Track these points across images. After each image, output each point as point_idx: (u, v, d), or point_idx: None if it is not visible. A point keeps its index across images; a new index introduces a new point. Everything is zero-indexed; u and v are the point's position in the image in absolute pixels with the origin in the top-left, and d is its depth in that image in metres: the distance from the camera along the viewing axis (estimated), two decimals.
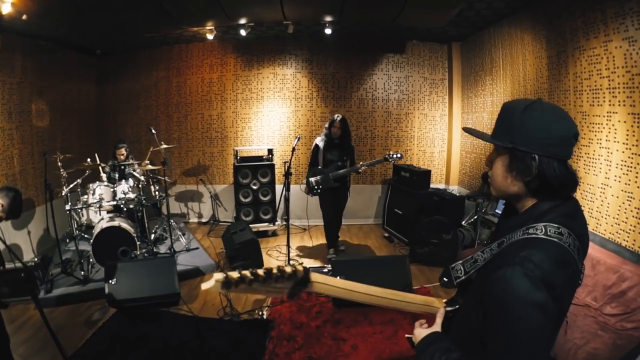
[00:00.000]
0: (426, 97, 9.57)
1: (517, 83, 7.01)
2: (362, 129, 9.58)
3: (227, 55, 9.60)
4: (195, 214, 10.31)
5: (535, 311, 1.34)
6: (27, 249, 7.46)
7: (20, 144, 7.71)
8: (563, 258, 1.42)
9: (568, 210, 1.54)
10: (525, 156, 1.51)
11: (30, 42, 7.81)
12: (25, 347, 4.88)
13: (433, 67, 9.50)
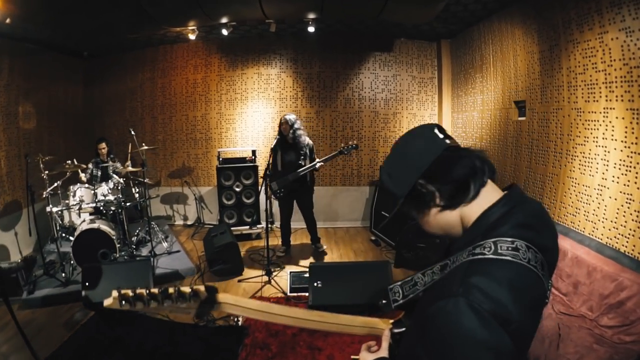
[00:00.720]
0: (415, 96, 9.54)
1: (508, 80, 6.89)
2: (349, 129, 9.63)
3: (212, 56, 9.74)
4: (181, 216, 10.45)
5: (485, 355, 1.09)
6: (14, 251, 7.74)
7: (7, 145, 7.92)
8: (521, 281, 1.18)
9: (524, 217, 1.32)
10: (413, 194, 1.43)
11: (17, 45, 8.02)
12: (7, 345, 5.11)
13: (422, 66, 9.47)
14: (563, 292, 4.55)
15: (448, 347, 1.14)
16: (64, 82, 9.82)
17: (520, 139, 6.58)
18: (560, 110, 5.49)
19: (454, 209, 1.39)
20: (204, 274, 7.09)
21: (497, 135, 7.26)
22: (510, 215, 1.31)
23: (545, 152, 5.90)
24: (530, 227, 1.29)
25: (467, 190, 1.36)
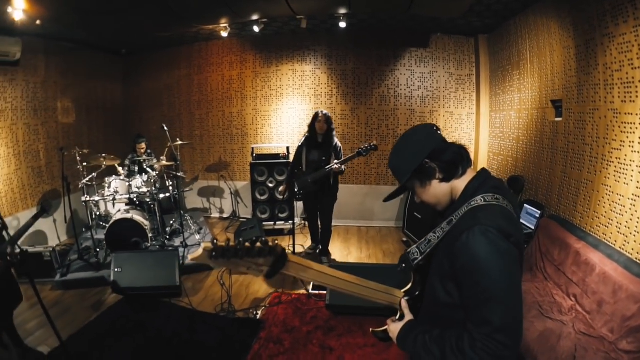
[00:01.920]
0: (452, 94, 9.37)
1: (545, 77, 6.56)
2: (384, 127, 9.71)
3: (246, 53, 10.10)
4: (217, 209, 11.00)
5: (504, 258, 1.66)
6: (53, 236, 8.65)
7: (46, 139, 8.71)
8: (507, 214, 1.78)
9: (494, 183, 1.95)
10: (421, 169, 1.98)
11: (53, 44, 8.68)
12: (35, 322, 5.61)
13: (459, 62, 9.27)
14: (587, 310, 4.44)
15: (477, 262, 1.67)
16: (102, 78, 10.53)
17: (556, 142, 6.26)
18: (597, 111, 5.17)
19: (447, 182, 2.00)
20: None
21: (534, 136, 6.96)
22: (485, 183, 1.93)
23: (580, 156, 5.57)
24: (499, 190, 1.90)
25: (457, 169, 1.98)
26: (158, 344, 5.17)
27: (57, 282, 6.69)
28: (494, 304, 1.64)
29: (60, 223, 8.81)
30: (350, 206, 8.36)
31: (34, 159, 8.38)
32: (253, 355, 4.85)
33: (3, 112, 7.75)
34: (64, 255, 7.50)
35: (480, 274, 1.66)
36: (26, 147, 8.21)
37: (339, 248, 8.44)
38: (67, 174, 7.20)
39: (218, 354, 4.95)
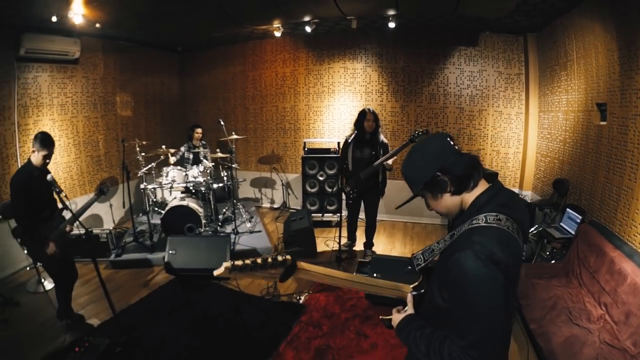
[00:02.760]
0: (501, 93, 8.92)
1: (591, 79, 6.21)
2: (433, 126, 9.38)
3: (299, 50, 10.12)
4: (268, 199, 11.15)
5: (488, 283, 1.66)
6: (108, 219, 9.22)
7: (106, 130, 9.16)
8: (503, 239, 1.75)
9: (504, 200, 1.90)
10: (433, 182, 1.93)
11: (111, 43, 9.06)
12: (87, 297, 6.11)
13: (508, 61, 8.80)
14: (615, 320, 4.25)
15: (464, 282, 1.69)
16: (159, 74, 10.89)
17: (600, 146, 5.89)
18: (639, 116, 4.87)
19: (459, 195, 1.95)
20: (279, 254, 7.25)
21: (580, 139, 6.59)
22: (494, 198, 1.90)
23: (622, 162, 5.25)
24: (507, 206, 1.86)
25: (468, 182, 1.92)
26: (204, 321, 5.44)
27: (112, 261, 7.16)
28: (472, 322, 1.71)
29: (116, 208, 9.33)
30: (397, 202, 8.21)
31: (93, 148, 8.78)
32: (292, 336, 5.06)
33: (64, 106, 8.11)
34: (119, 237, 7.98)
35: (464, 292, 1.72)
36: (86, 138, 8.61)
37: (383, 242, 8.34)
38: (126, 163, 7.53)
39: (260, 333, 5.16)
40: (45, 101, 7.75)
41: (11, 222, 6.20)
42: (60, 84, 8.02)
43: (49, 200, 5.06)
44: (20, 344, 5.07)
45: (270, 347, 4.88)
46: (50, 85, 7.82)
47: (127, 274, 6.92)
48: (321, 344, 4.93)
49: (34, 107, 7.53)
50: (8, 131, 7.04)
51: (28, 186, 4.71)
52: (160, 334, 5.20)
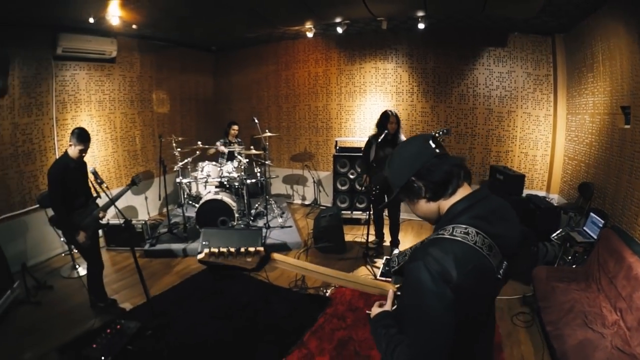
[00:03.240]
0: (530, 94, 8.67)
1: (615, 82, 6.00)
2: (463, 126, 9.28)
3: (331, 51, 10.17)
4: (300, 196, 11.23)
5: (434, 299, 1.56)
6: (143, 211, 9.66)
7: (142, 126, 9.49)
8: (464, 255, 1.61)
9: (482, 211, 1.76)
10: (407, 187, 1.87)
11: (147, 43, 9.38)
12: (120, 283, 6.40)
13: (537, 62, 8.54)
14: (628, 326, 4.12)
15: (414, 293, 1.64)
16: (194, 72, 11.17)
17: (623, 150, 5.70)
18: None
19: (435, 202, 1.85)
20: (309, 249, 7.67)
21: (605, 142, 6.38)
22: (471, 208, 1.76)
23: None
24: (484, 219, 1.72)
25: (445, 189, 1.81)
26: (233, 309, 5.68)
27: (146, 250, 7.52)
28: (413, 330, 1.70)
29: (151, 201, 9.83)
30: None
31: (129, 143, 9.13)
32: (317, 327, 5.22)
33: (102, 103, 8.44)
34: (153, 228, 8.32)
35: (413, 302, 1.69)
36: (123, 133, 8.94)
37: (410, 241, 8.21)
38: (163, 158, 7.92)
39: (286, 322, 5.34)
40: (83, 97, 8.05)
41: (48, 211, 6.49)
42: (97, 82, 8.31)
43: (84, 189, 5.43)
44: (52, 325, 5.26)
45: (295, 336, 5.02)
46: (88, 83, 8.11)
47: (160, 263, 7.19)
48: (344, 336, 5.03)
49: (72, 103, 7.84)
50: (46, 125, 7.37)
51: (64, 176, 4.99)
52: (190, 319, 5.44)
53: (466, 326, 1.64)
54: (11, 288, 5.81)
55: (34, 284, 6.16)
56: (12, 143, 6.91)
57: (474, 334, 1.75)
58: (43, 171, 7.15)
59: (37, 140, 7.25)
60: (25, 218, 7.10)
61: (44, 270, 6.91)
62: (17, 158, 6.98)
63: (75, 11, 6.54)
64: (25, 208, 7.12)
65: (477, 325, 1.76)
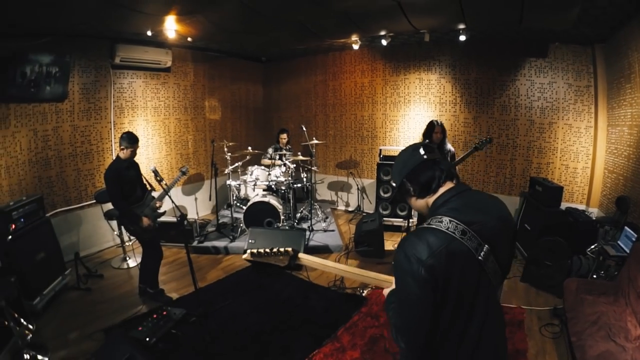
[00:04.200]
0: (571, 105, 8.41)
1: None
2: (504, 137, 9.11)
3: (376, 62, 10.31)
4: (343, 202, 11.38)
5: (410, 279, 1.86)
6: (192, 211, 10.19)
7: (195, 131, 9.96)
8: (436, 240, 1.88)
9: (456, 204, 2.07)
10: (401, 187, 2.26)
11: (200, 53, 9.86)
12: (169, 275, 6.83)
13: (578, 73, 8.29)
14: None
15: (397, 273, 1.96)
16: (245, 81, 11.62)
17: None
18: None
19: (422, 199, 2.21)
20: (349, 252, 7.80)
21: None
22: (447, 202, 2.09)
23: None
24: (457, 210, 2.01)
25: (429, 188, 2.16)
26: (273, 303, 6.02)
27: (194, 247, 7.93)
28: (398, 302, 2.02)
29: (200, 202, 10.34)
30: None
31: (182, 147, 9.59)
32: (351, 323, 5.38)
33: (157, 109, 8.93)
34: (202, 227, 8.69)
35: (396, 279, 2.01)
36: (176, 138, 9.43)
37: None
38: (215, 161, 8.34)
39: (322, 318, 5.58)
40: (140, 104, 8.53)
41: (104, 206, 6.90)
42: (153, 89, 8.79)
43: (139, 185, 5.91)
44: (100, 310, 5.61)
45: (330, 330, 5.21)
46: (144, 90, 8.60)
47: (207, 259, 7.56)
48: (376, 333, 5.15)
49: (129, 109, 8.34)
50: (105, 128, 7.89)
51: (120, 176, 5.53)
52: (232, 309, 5.78)
53: (451, 304, 1.89)
54: (62, 275, 6.25)
55: (85, 272, 6.58)
56: (71, 143, 7.43)
57: (465, 314, 1.94)
58: (100, 170, 7.69)
59: (95, 141, 7.77)
60: (81, 212, 7.60)
61: (95, 261, 7.34)
62: (75, 157, 7.51)
63: (134, 25, 6.90)
64: (81, 203, 7.61)
65: (465, 304, 1.93)
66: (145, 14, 6.24)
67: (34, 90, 6.67)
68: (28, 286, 5.41)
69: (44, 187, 7.12)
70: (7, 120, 6.62)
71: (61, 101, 7.24)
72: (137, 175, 5.83)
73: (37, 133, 7.03)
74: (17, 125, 6.76)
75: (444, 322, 1.91)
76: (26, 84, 6.50)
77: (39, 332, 4.92)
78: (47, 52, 6.67)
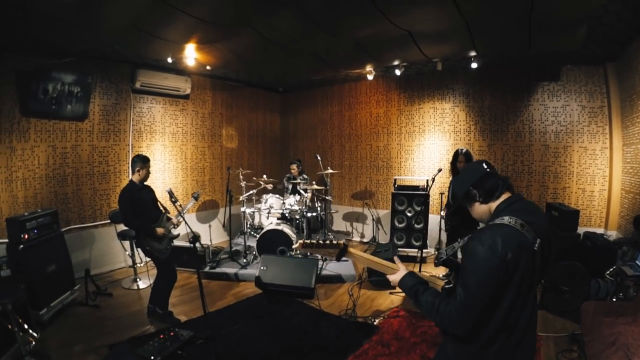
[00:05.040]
0: (585, 128, 8.29)
1: None
2: (519, 164, 8.94)
3: (391, 92, 10.34)
4: (358, 233, 11.17)
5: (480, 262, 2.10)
6: (206, 237, 10.11)
7: (211, 159, 10.04)
8: (509, 234, 2.14)
9: (515, 208, 2.31)
10: (466, 194, 2.50)
11: (219, 82, 10.05)
12: (179, 298, 6.71)
13: (591, 94, 8.22)
14: None
15: (471, 262, 2.15)
16: (262, 111, 11.75)
17: None
18: None
19: (486, 204, 2.45)
20: (362, 282, 7.56)
21: None
22: (507, 208, 2.33)
23: None
24: (516, 212, 2.26)
25: (492, 194, 2.42)
26: (284, 329, 5.83)
27: (206, 272, 7.82)
28: (464, 286, 2.14)
29: (214, 229, 10.37)
30: None
31: (198, 174, 9.68)
32: (361, 351, 5.17)
33: (175, 135, 9.03)
34: (215, 254, 8.52)
35: (467, 267, 2.17)
36: (193, 164, 9.52)
37: None
38: (230, 188, 8.32)
39: (332, 345, 5.42)
40: (158, 129, 8.65)
41: (118, 227, 6.89)
42: (172, 115, 8.92)
43: (153, 208, 5.93)
44: (107, 326, 5.53)
45: (339, 358, 5.07)
46: (163, 116, 8.73)
47: (218, 285, 7.43)
48: None
49: (148, 133, 8.45)
50: (123, 150, 8.00)
51: (133, 198, 5.58)
52: (241, 333, 5.65)
53: (512, 292, 2.14)
54: (72, 289, 6.22)
55: (94, 290, 6.52)
56: (89, 162, 7.58)
57: (520, 304, 2.18)
58: (116, 191, 7.74)
59: (112, 162, 7.89)
60: (95, 231, 7.65)
61: (106, 280, 7.31)
62: (92, 177, 7.63)
63: (156, 51, 7.06)
64: (96, 222, 7.66)
65: (521, 295, 2.18)
66: (168, 41, 6.38)
67: (55, 107, 6.88)
68: (36, 296, 5.41)
69: (60, 202, 7.25)
70: (27, 134, 6.84)
71: (81, 120, 7.43)
72: (151, 197, 5.88)
73: (56, 149, 7.24)
74: (37, 140, 6.97)
75: (503, 310, 2.15)
76: (47, 101, 6.72)
77: (44, 342, 4.95)
78: (70, 71, 6.90)
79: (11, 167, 6.68)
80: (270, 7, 5.40)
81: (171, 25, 5.78)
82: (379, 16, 5.56)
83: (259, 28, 6.09)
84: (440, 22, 5.87)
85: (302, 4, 5.36)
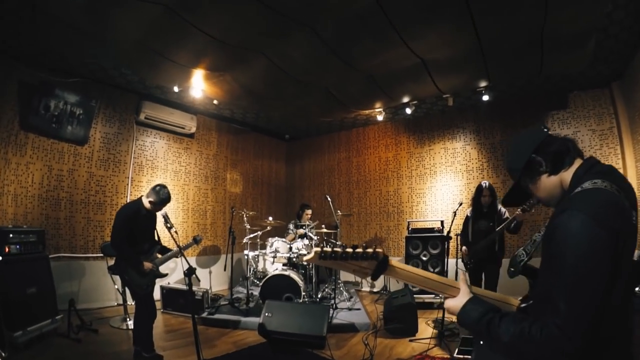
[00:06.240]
0: (597, 151, 7.95)
1: None
2: None
3: (400, 135, 10.06)
4: (368, 283, 10.34)
5: (584, 244, 1.43)
6: (205, 283, 9.41)
7: (214, 202, 9.67)
8: (607, 198, 1.54)
9: (601, 168, 1.71)
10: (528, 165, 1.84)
11: (225, 125, 9.90)
12: (172, 342, 5.83)
13: (599, 117, 8.02)
14: None
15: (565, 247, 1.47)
16: (268, 158, 11.54)
17: None
18: None
19: (556, 174, 1.80)
20: (378, 331, 6.73)
21: None
22: (590, 170, 1.70)
23: None
24: (605, 175, 1.64)
25: (563, 160, 1.79)
26: None
27: (203, 318, 6.93)
28: (562, 288, 1.46)
29: (215, 275, 9.63)
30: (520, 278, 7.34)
31: (200, 216, 9.28)
32: None
33: (177, 173, 8.74)
34: (214, 300, 7.82)
35: (557, 255, 1.51)
36: (195, 206, 9.15)
37: None
38: (233, 229, 7.58)
39: None
40: (160, 165, 8.40)
41: (109, 260, 6.42)
42: (175, 153, 8.69)
43: (149, 238, 5.27)
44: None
45: None
46: (166, 152, 8.50)
47: (216, 332, 6.61)
48: None
49: (149, 168, 8.20)
50: (122, 183, 7.80)
51: (134, 219, 4.89)
52: None
53: (625, 273, 1.51)
54: (53, 318, 5.67)
55: (79, 323, 5.87)
56: (85, 190, 7.28)
57: (631, 289, 1.67)
58: (111, 223, 6.96)
59: (110, 194, 7.58)
60: (85, 263, 7.18)
61: (93, 316, 6.66)
62: (87, 205, 7.30)
63: (163, 77, 6.85)
64: (87, 254, 7.20)
65: (629, 277, 1.56)
66: (176, 63, 6.17)
67: (55, 126, 6.73)
68: (12, 316, 5.02)
69: (51, 226, 6.87)
70: (24, 149, 6.59)
71: (81, 145, 7.21)
72: (152, 226, 5.27)
73: (52, 170, 6.96)
74: (33, 157, 6.71)
75: (617, 299, 1.48)
76: (48, 118, 6.63)
77: None
78: (75, 91, 6.82)
79: (4, 180, 6.37)
80: (285, 28, 5.14)
81: (181, 44, 5.59)
82: (395, 39, 5.33)
83: (270, 54, 5.86)
84: (456, 46, 5.71)
85: (318, 27, 5.13)
